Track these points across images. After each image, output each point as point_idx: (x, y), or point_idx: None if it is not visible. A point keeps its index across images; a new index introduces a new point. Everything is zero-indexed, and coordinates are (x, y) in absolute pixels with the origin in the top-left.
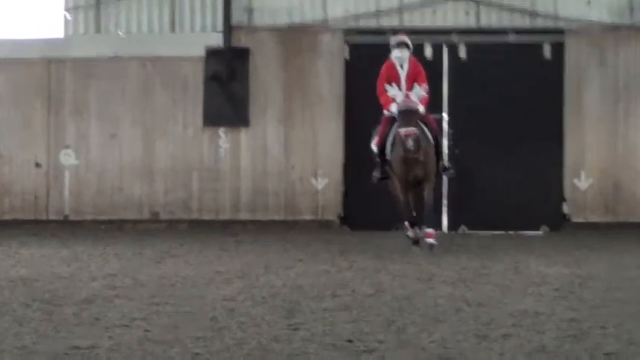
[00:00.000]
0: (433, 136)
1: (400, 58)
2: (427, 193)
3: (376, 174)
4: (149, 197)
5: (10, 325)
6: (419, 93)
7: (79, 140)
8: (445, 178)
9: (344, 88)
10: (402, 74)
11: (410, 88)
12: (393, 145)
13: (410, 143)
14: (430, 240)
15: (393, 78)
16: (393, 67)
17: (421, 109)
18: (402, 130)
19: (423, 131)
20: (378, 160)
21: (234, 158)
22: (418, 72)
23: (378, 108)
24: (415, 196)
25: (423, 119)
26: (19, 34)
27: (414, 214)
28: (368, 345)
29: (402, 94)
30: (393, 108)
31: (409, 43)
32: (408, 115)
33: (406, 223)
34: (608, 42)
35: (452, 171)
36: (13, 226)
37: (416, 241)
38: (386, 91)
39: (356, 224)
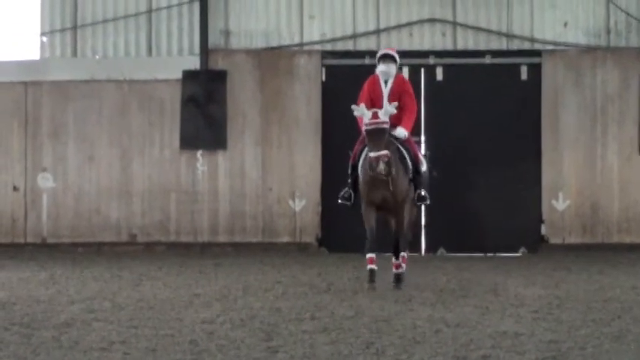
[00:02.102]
0: (412, 162)
1: (385, 72)
2: (396, 221)
3: (343, 194)
4: (127, 220)
5: None
6: (389, 110)
7: (57, 163)
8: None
9: (321, 110)
10: (385, 91)
11: None
12: (363, 164)
13: (381, 167)
14: (396, 271)
15: (375, 94)
16: (376, 82)
17: (403, 133)
18: (372, 155)
19: (399, 151)
20: (349, 180)
21: (211, 180)
22: (404, 90)
23: (356, 129)
24: (383, 224)
25: (405, 143)
26: None
27: (375, 245)
28: None
29: (369, 113)
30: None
31: (396, 56)
32: (375, 135)
33: (367, 255)
34: (584, 63)
35: (428, 201)
36: None
37: (372, 279)
38: (353, 110)
39: (334, 246)
